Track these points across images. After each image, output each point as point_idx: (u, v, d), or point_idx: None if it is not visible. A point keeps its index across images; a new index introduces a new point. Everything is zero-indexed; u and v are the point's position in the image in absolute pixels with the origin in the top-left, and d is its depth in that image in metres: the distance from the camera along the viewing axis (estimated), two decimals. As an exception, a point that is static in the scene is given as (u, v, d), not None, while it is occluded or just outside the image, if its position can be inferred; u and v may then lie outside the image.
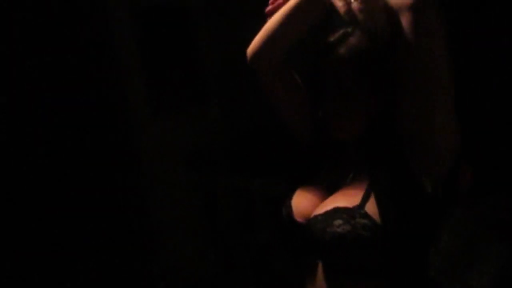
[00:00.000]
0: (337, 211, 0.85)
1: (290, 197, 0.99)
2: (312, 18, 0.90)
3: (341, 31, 0.92)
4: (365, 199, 0.85)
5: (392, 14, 0.80)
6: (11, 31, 2.18)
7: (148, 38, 2.54)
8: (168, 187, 2.64)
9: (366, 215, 0.83)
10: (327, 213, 0.86)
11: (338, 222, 0.83)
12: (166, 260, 2.65)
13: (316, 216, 0.88)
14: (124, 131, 2.53)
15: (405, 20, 0.78)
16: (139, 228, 2.63)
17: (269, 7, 0.97)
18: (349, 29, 0.91)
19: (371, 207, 0.83)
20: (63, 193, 2.36)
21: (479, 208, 1.75)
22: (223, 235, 2.70)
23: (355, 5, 0.79)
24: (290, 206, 0.96)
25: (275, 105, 1.06)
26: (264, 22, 0.98)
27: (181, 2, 2.69)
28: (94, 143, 2.48)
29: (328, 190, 0.95)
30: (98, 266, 2.48)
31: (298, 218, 0.94)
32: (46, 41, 2.29)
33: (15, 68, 2.21)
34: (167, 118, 2.64)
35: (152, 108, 2.57)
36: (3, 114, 2.20)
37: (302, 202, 0.96)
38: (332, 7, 0.82)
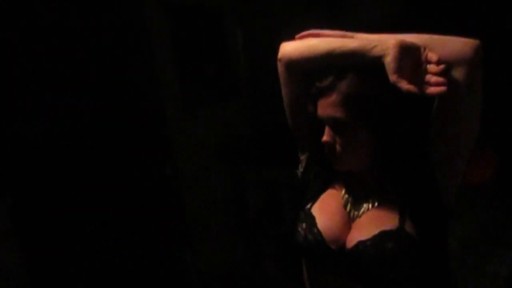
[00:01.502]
0: (384, 235, 0.88)
1: (310, 222, 0.97)
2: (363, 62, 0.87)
3: (333, 75, 0.90)
4: (402, 220, 0.89)
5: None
6: (48, 28, 2.22)
7: (182, 35, 2.56)
8: (199, 178, 2.68)
9: (409, 235, 0.88)
10: (375, 238, 0.89)
11: (390, 245, 0.87)
12: (197, 248, 2.71)
13: (363, 242, 0.90)
14: (159, 123, 2.58)
15: (458, 73, 0.81)
16: (172, 217, 2.68)
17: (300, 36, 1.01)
18: (340, 74, 0.89)
19: (409, 227, 0.88)
20: (100, 183, 2.43)
21: (499, 196, 1.76)
22: (251, 224, 2.74)
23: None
24: (320, 234, 0.95)
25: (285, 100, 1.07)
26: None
27: (214, 1, 2.71)
28: (130, 135, 2.54)
29: (347, 212, 0.97)
30: (133, 254, 2.55)
31: (332, 246, 0.94)
32: (85, 38, 2.35)
33: (54, 64, 2.26)
34: (199, 112, 2.67)
35: (185, 102, 2.60)
36: (46, 109, 2.27)
37: (331, 228, 0.96)
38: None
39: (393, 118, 0.88)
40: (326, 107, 0.91)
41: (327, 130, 0.93)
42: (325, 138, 0.93)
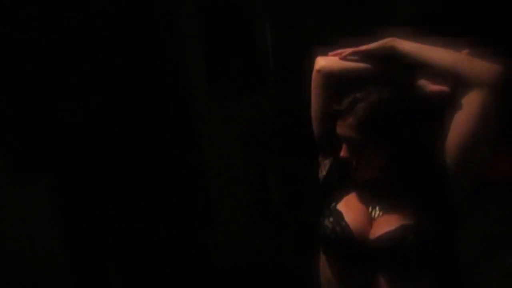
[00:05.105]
0: (405, 228, 0.97)
1: (338, 216, 1.04)
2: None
3: (350, 97, 0.98)
4: (419, 217, 0.98)
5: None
6: (85, 22, 2.31)
7: (211, 28, 2.60)
8: (224, 166, 2.75)
9: (426, 229, 0.97)
10: (397, 230, 0.98)
11: (410, 236, 0.96)
12: (220, 235, 2.79)
13: (387, 233, 0.98)
14: (188, 114, 2.64)
15: (475, 94, 0.90)
16: (197, 204, 2.76)
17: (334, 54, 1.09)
18: (358, 95, 0.97)
19: (424, 221, 0.98)
20: (129, 170, 2.53)
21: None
22: (273, 212, 2.78)
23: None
24: (347, 226, 1.02)
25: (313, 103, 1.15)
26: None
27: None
28: (160, 126, 2.61)
29: (369, 211, 1.05)
30: (158, 238, 2.64)
31: (358, 237, 1.01)
32: (120, 33, 2.42)
33: (91, 57, 2.35)
34: (226, 104, 2.72)
35: (213, 94, 2.65)
36: (83, 98, 2.37)
37: (357, 222, 1.03)
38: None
39: (406, 138, 0.97)
40: (343, 127, 1.00)
41: (344, 146, 1.01)
42: (342, 154, 1.01)
